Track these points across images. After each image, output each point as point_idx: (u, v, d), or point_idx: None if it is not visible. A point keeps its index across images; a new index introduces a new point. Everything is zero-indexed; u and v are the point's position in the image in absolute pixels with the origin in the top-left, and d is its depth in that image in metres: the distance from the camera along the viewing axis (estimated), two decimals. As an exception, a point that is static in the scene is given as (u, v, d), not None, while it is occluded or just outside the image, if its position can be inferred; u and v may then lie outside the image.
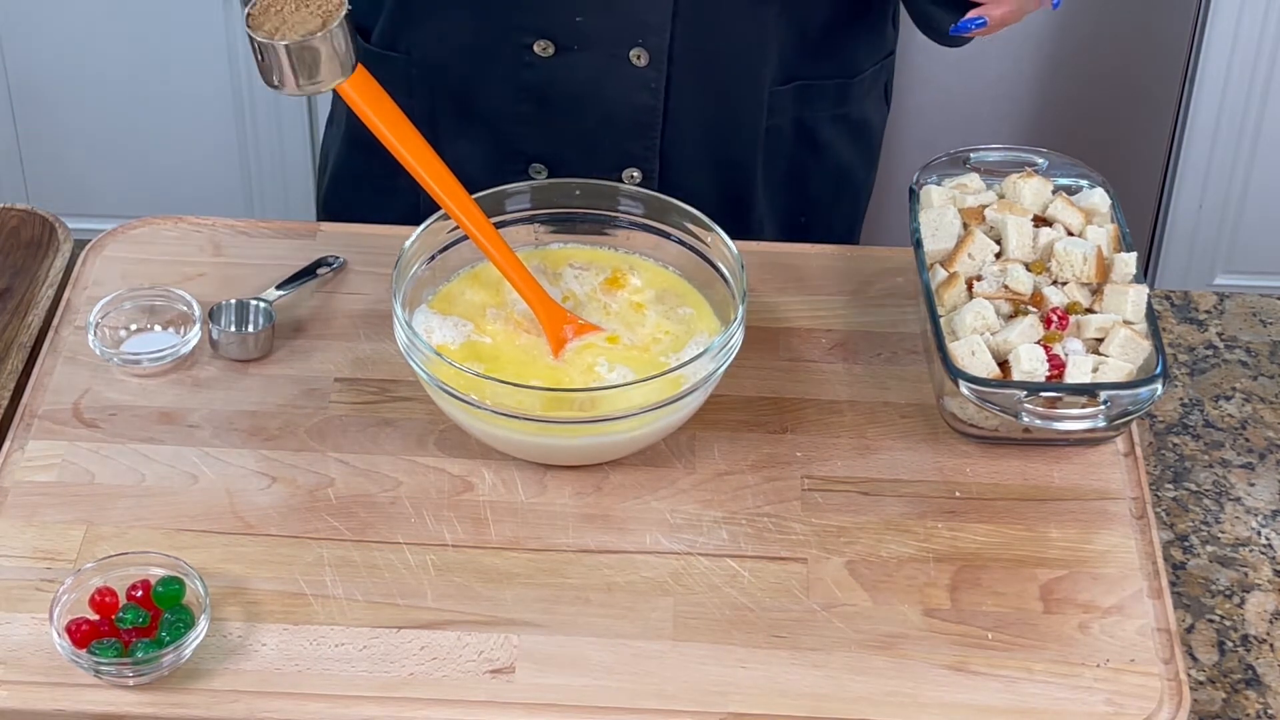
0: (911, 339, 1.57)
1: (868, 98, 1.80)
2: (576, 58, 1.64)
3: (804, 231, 1.82)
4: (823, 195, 1.82)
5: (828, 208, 1.83)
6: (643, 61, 1.64)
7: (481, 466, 1.45)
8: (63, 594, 1.31)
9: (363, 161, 1.79)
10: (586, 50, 1.64)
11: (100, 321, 1.53)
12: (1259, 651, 1.40)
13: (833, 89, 1.76)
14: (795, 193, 1.79)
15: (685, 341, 1.48)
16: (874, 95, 1.82)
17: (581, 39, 1.64)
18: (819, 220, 1.83)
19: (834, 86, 1.76)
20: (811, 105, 1.75)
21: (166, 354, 1.52)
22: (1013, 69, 2.82)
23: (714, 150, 1.72)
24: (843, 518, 1.42)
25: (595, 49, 1.64)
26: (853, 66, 1.76)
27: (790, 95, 1.73)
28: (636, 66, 1.65)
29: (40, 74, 2.92)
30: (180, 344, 1.53)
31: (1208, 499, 1.52)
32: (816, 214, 1.83)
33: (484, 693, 1.29)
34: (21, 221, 1.72)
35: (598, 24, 1.62)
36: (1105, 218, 1.54)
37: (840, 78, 1.76)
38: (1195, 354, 1.65)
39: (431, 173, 1.48)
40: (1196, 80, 2.80)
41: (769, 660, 1.32)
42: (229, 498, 1.42)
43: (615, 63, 1.64)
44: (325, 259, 1.62)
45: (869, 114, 1.82)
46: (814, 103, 1.75)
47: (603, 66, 1.65)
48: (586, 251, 1.56)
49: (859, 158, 1.84)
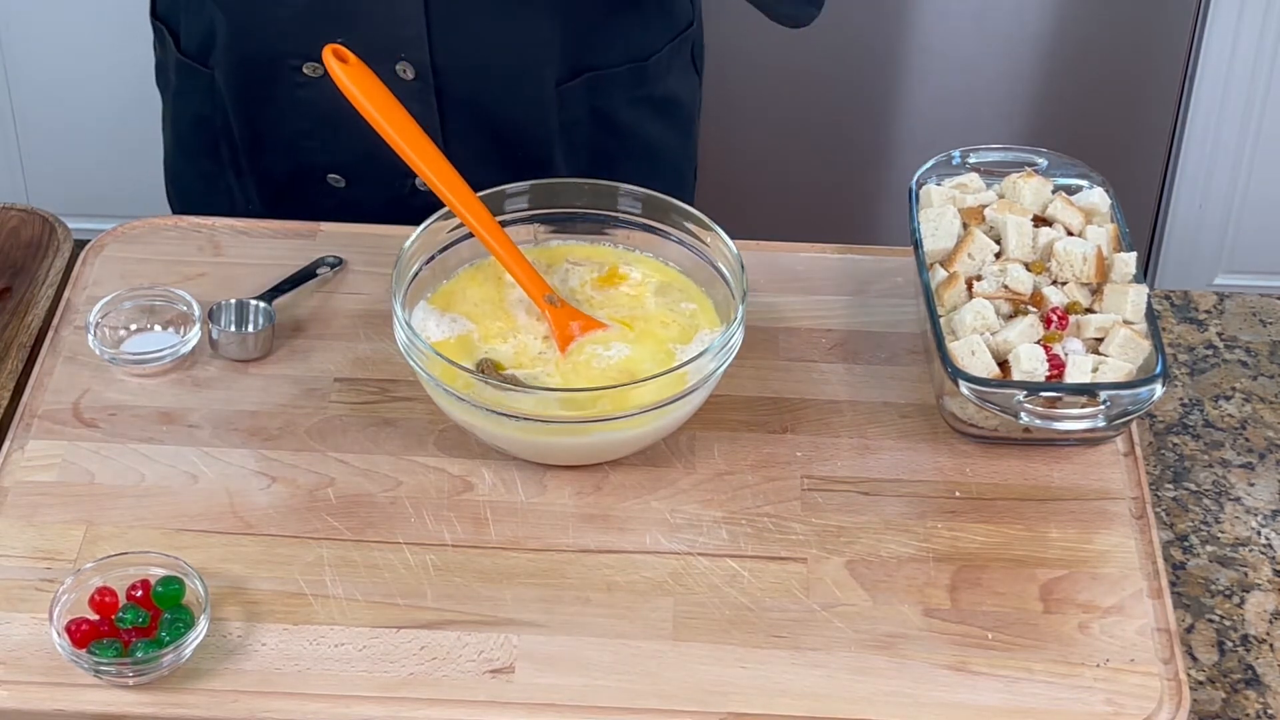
0: (911, 339, 1.57)
1: (669, 75, 1.79)
2: None
3: None
4: (635, 174, 1.77)
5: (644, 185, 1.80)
6: (409, 75, 1.66)
7: (481, 466, 1.45)
8: (63, 594, 1.31)
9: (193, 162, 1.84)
10: None
11: (100, 321, 1.53)
12: (1259, 651, 1.40)
13: (625, 74, 1.74)
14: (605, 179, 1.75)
15: (692, 334, 1.49)
16: (676, 70, 1.80)
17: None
18: None
19: (626, 72, 1.74)
20: (605, 94, 1.74)
21: (166, 354, 1.52)
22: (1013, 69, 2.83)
23: (504, 153, 1.72)
24: (843, 518, 1.42)
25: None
26: (644, 49, 1.75)
27: (581, 88, 1.72)
28: (404, 80, 1.66)
29: (40, 74, 2.92)
30: (180, 344, 1.53)
31: (1208, 499, 1.52)
32: None
33: (484, 693, 1.29)
34: (21, 221, 1.72)
35: (355, 43, 1.62)
36: (1105, 218, 1.54)
37: (632, 62, 1.74)
38: (1195, 354, 1.65)
39: (436, 171, 1.49)
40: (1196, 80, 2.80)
41: (769, 660, 1.32)
42: (229, 498, 1.42)
43: (383, 78, 1.64)
44: (325, 259, 1.62)
45: (674, 89, 1.80)
46: (608, 91, 1.74)
47: None
48: (586, 248, 1.56)
49: (670, 133, 1.82)
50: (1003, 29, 2.77)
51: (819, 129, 2.85)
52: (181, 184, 1.89)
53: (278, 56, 1.68)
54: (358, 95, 1.49)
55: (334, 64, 1.49)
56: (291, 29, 1.66)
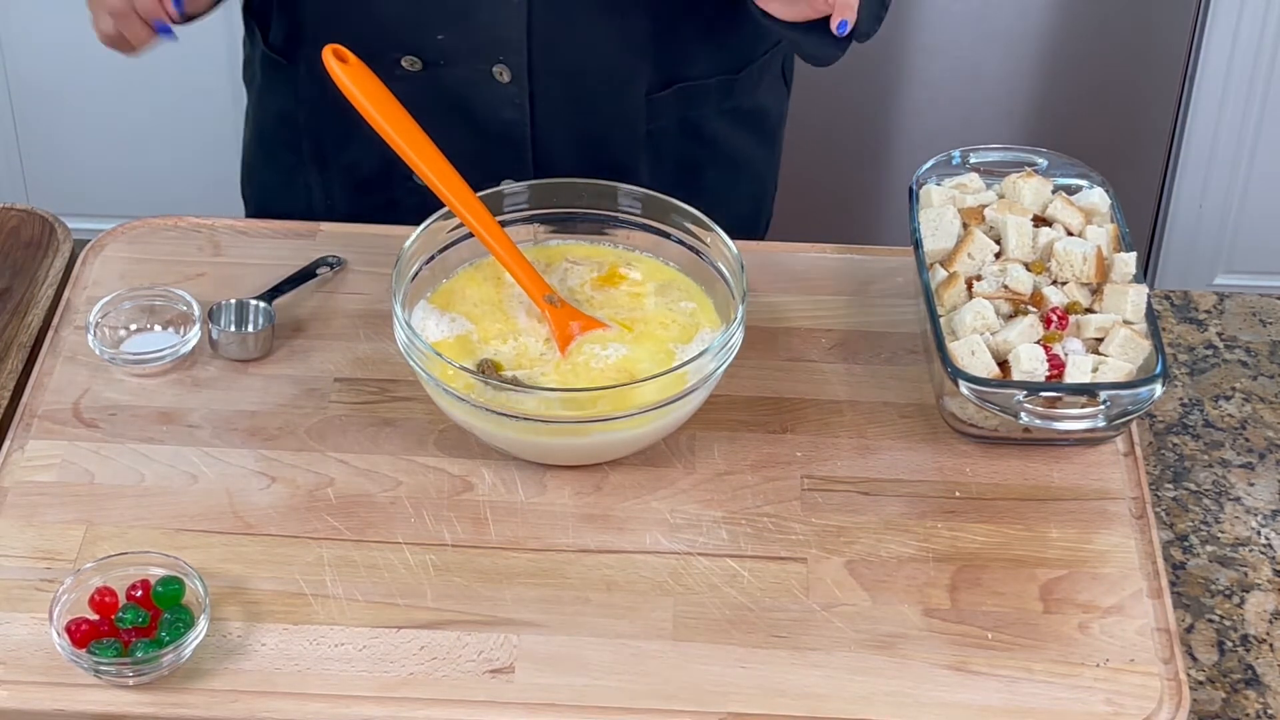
0: (911, 339, 1.57)
1: (759, 87, 1.79)
2: (443, 73, 1.66)
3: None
4: (719, 184, 1.80)
5: (726, 197, 1.81)
6: (505, 78, 1.66)
7: (481, 466, 1.45)
8: (63, 594, 1.31)
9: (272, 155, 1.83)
10: (451, 66, 1.65)
11: (100, 321, 1.53)
12: (1259, 651, 1.40)
13: (716, 86, 1.74)
14: (689, 187, 1.74)
15: (692, 334, 1.49)
16: (767, 82, 1.80)
17: (445, 55, 1.65)
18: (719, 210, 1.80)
19: (717, 84, 1.74)
20: (696, 105, 1.74)
21: (166, 354, 1.52)
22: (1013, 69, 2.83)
23: (592, 158, 1.72)
24: (843, 518, 1.42)
25: (459, 65, 1.65)
26: (737, 61, 1.75)
27: (671, 99, 1.72)
28: (500, 83, 1.66)
29: (40, 74, 2.92)
30: (180, 344, 1.53)
31: (1207, 499, 1.52)
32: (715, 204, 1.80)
33: (484, 693, 1.29)
34: (21, 221, 1.72)
35: (458, 41, 1.64)
36: (1105, 218, 1.54)
37: (724, 74, 1.74)
38: (1195, 354, 1.65)
39: (436, 171, 1.49)
40: (1196, 80, 2.80)
41: (769, 660, 1.32)
42: (229, 498, 1.42)
43: (479, 78, 1.65)
44: (325, 259, 1.62)
45: (763, 101, 1.80)
46: (698, 102, 1.74)
47: (468, 82, 1.66)
48: (585, 248, 1.56)
49: (756, 146, 1.83)
50: (1003, 29, 2.77)
51: (819, 129, 2.85)
52: (258, 181, 1.88)
53: (378, 49, 1.65)
54: (357, 95, 1.49)
55: (334, 64, 1.49)
56: (394, 22, 1.65)
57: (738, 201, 1.84)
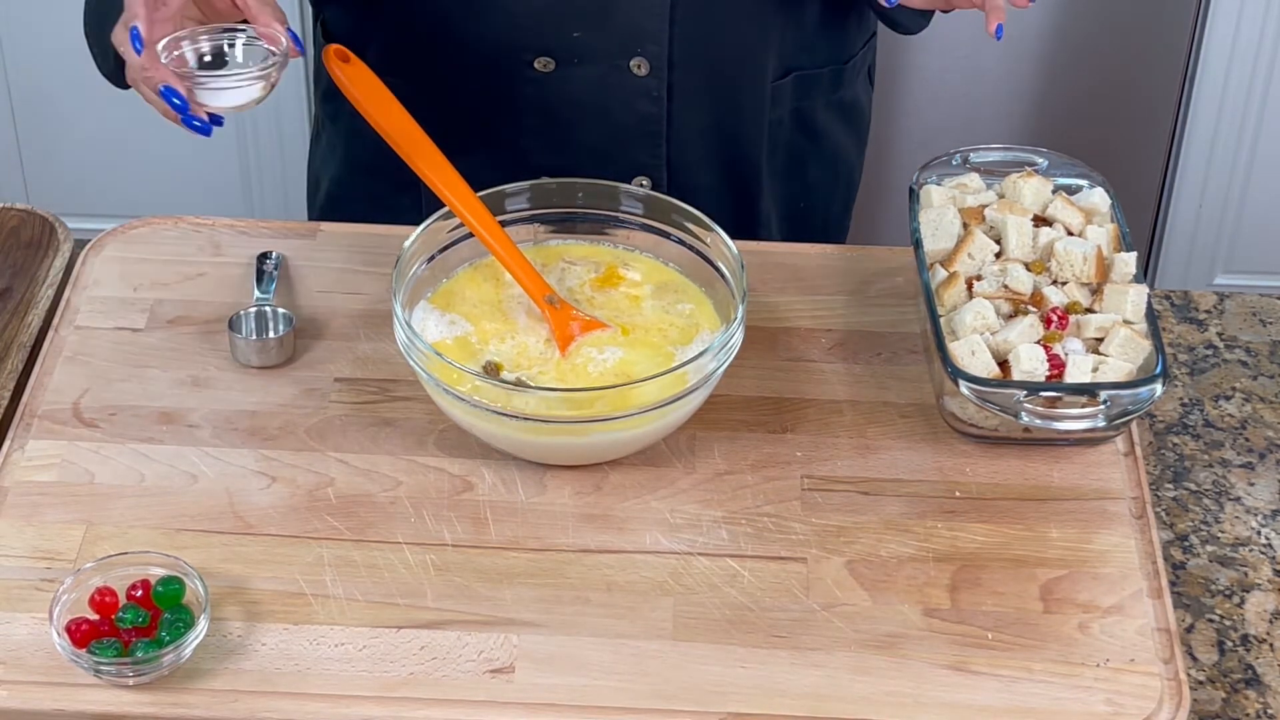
0: (911, 339, 1.57)
1: (858, 80, 1.82)
2: (577, 71, 1.65)
3: (804, 217, 1.83)
4: (820, 180, 1.83)
5: (826, 192, 1.84)
6: (643, 71, 1.65)
7: (481, 466, 1.45)
8: (63, 594, 1.31)
9: (364, 183, 1.80)
10: (586, 64, 1.65)
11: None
12: (1259, 651, 1.40)
13: (828, 75, 1.77)
14: (796, 180, 1.79)
15: (692, 334, 1.49)
16: (862, 77, 1.83)
17: (580, 53, 1.64)
18: (818, 205, 1.84)
19: (829, 73, 1.77)
20: (809, 94, 1.76)
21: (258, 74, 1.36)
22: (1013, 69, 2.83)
23: (721, 150, 1.73)
24: (843, 518, 1.42)
25: (595, 62, 1.65)
26: (845, 51, 1.78)
27: (789, 87, 1.74)
28: (637, 76, 1.65)
29: (40, 74, 2.93)
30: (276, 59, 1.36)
31: (1207, 499, 1.52)
32: (815, 199, 1.84)
33: (484, 693, 1.29)
34: (21, 221, 1.72)
35: (595, 38, 1.63)
36: (1105, 218, 1.54)
37: (834, 64, 1.77)
38: (1195, 354, 1.65)
39: (436, 171, 1.49)
40: (1196, 80, 2.81)
41: (769, 660, 1.32)
42: (229, 498, 1.42)
43: (616, 74, 1.65)
44: (265, 253, 1.61)
45: (859, 95, 1.84)
46: (811, 91, 1.76)
47: (604, 78, 1.65)
48: (584, 248, 1.56)
49: (851, 140, 1.85)
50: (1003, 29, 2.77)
51: (819, 129, 2.85)
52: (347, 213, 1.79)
53: (508, 52, 1.64)
54: (357, 95, 1.49)
55: (335, 64, 1.49)
56: (530, 23, 1.63)
57: (835, 198, 1.87)
